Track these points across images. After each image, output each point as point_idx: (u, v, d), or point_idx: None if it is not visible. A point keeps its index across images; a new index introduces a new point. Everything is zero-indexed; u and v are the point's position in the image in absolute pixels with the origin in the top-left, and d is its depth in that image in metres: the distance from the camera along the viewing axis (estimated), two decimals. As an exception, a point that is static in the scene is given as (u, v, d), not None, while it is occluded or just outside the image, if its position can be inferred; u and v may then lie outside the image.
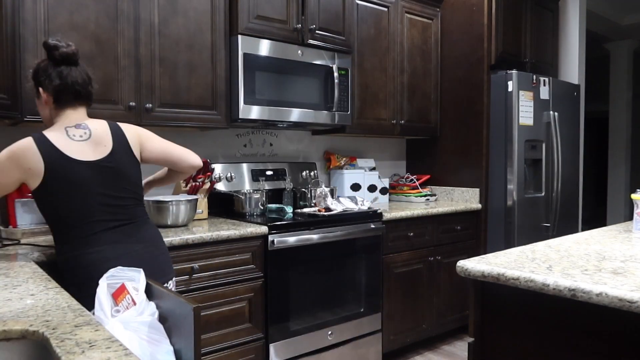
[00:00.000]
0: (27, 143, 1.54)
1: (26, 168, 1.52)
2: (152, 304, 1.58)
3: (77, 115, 1.65)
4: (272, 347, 2.37)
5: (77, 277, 1.54)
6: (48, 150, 1.54)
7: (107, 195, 1.60)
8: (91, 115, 2.14)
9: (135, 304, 1.54)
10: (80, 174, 1.56)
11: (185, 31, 2.39)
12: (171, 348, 1.51)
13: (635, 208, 1.95)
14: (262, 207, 2.72)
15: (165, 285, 1.69)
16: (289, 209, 2.62)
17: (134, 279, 1.59)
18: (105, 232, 1.58)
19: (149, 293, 1.61)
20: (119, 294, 1.57)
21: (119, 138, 1.67)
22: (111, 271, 1.63)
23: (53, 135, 1.57)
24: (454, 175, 3.57)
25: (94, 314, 1.45)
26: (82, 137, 1.61)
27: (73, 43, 1.66)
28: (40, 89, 1.62)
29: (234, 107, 2.53)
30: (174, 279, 1.74)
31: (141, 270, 1.57)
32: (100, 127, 1.66)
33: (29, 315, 1.03)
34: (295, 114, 2.72)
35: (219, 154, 2.93)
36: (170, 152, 1.83)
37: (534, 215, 3.38)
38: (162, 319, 1.58)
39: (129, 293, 1.55)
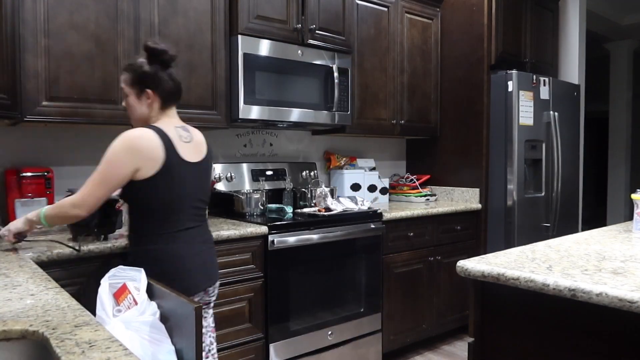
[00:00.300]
0: (149, 134, 1.60)
1: (147, 158, 1.57)
2: (154, 304, 1.58)
3: (175, 114, 1.76)
4: (272, 347, 2.37)
5: (156, 268, 1.60)
6: (167, 144, 1.62)
7: (196, 196, 1.72)
8: (92, 115, 2.15)
9: (136, 303, 1.54)
10: (183, 172, 1.66)
11: (185, 31, 2.39)
12: (172, 348, 1.51)
13: (635, 208, 1.95)
14: (262, 207, 2.72)
15: (211, 286, 1.78)
16: (289, 209, 2.62)
17: (135, 278, 1.59)
18: (186, 230, 1.68)
19: (150, 293, 1.61)
20: (120, 293, 1.58)
21: (209, 148, 1.82)
22: (113, 271, 1.65)
23: (167, 131, 1.64)
24: (454, 175, 3.57)
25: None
26: (187, 139, 1.71)
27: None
28: (149, 91, 1.67)
29: (234, 107, 2.53)
30: (217, 282, 1.83)
31: (142, 270, 1.58)
32: (197, 133, 1.79)
33: (29, 315, 1.03)
34: (295, 114, 2.72)
35: (219, 154, 2.93)
36: None
37: (534, 215, 3.38)
38: (164, 318, 1.58)
39: (130, 293, 1.55)
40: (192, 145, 1.72)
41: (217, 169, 2.80)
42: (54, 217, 1.67)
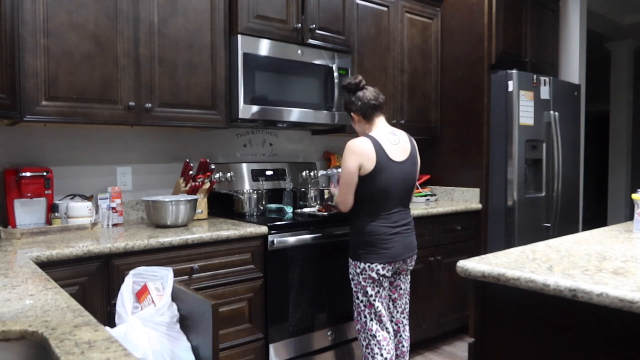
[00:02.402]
0: (367, 141, 2.19)
1: (365, 158, 2.16)
2: (174, 307, 1.60)
3: (382, 122, 2.31)
4: (272, 347, 2.36)
5: (361, 238, 2.23)
6: (378, 148, 2.18)
7: (400, 187, 2.24)
8: (91, 115, 2.15)
9: (155, 304, 1.57)
10: (392, 169, 2.20)
11: (185, 31, 2.39)
12: (189, 344, 1.53)
13: (636, 208, 1.94)
14: (262, 207, 2.71)
15: (410, 257, 2.33)
16: (289, 209, 2.62)
17: (161, 278, 1.62)
18: (392, 212, 2.24)
19: (172, 292, 1.63)
20: (141, 293, 1.62)
21: (413, 149, 2.33)
22: (140, 269, 1.71)
23: (379, 139, 2.22)
24: (454, 175, 3.57)
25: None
26: (394, 142, 2.25)
27: (359, 76, 2.33)
28: (352, 113, 2.32)
29: (233, 107, 2.52)
30: (415, 254, 2.38)
31: (170, 269, 1.71)
32: (404, 136, 2.33)
33: (28, 316, 1.03)
34: (295, 114, 2.72)
35: (219, 154, 2.93)
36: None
37: (535, 215, 3.38)
38: (182, 316, 1.60)
39: (150, 294, 1.58)
40: (399, 146, 2.26)
41: (217, 169, 2.80)
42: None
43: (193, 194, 2.53)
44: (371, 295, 2.24)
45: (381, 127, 2.29)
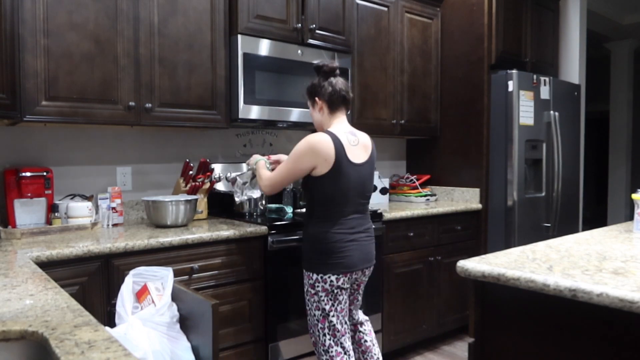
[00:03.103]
0: (328, 140, 1.99)
1: (323, 159, 1.97)
2: (174, 307, 1.60)
3: (344, 120, 2.13)
4: (272, 347, 2.36)
5: (314, 246, 2.04)
6: (338, 148, 1.99)
7: (358, 190, 2.07)
8: (91, 115, 2.15)
9: (155, 304, 1.57)
10: (350, 172, 2.02)
11: (185, 31, 2.39)
12: (189, 344, 1.53)
13: (635, 208, 1.94)
14: (261, 207, 2.71)
15: (367, 268, 2.15)
16: (289, 209, 2.62)
17: (160, 278, 1.62)
18: (349, 218, 2.05)
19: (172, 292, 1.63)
20: (141, 293, 1.62)
21: (372, 150, 2.16)
22: (140, 269, 1.71)
23: (340, 137, 2.02)
24: (454, 175, 3.57)
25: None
26: (354, 143, 2.08)
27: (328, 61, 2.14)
28: (316, 98, 2.11)
29: (233, 107, 2.52)
30: (372, 265, 2.20)
31: (170, 270, 1.70)
32: (364, 137, 2.15)
33: (28, 316, 1.03)
34: (295, 114, 2.72)
35: (219, 154, 2.93)
36: None
37: (535, 215, 3.38)
38: (182, 316, 1.60)
39: (150, 294, 1.59)
40: (358, 147, 2.08)
41: (217, 169, 2.80)
42: (257, 173, 2.22)
43: (193, 194, 2.53)
44: (324, 309, 2.04)
45: (342, 124, 2.11)
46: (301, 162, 2.01)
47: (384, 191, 3.55)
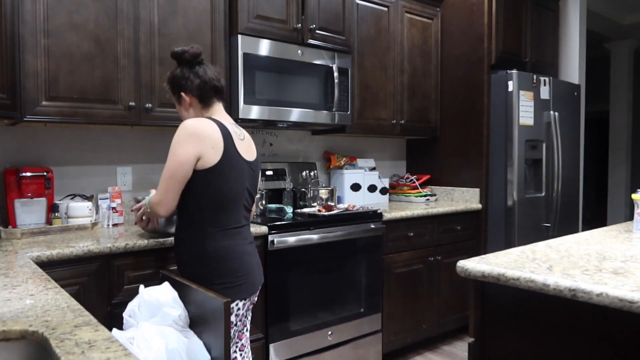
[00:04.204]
0: (208, 122, 1.62)
1: (208, 145, 1.58)
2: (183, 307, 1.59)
3: (222, 111, 1.76)
4: (272, 347, 2.36)
5: (210, 265, 1.62)
6: (226, 135, 1.63)
7: (249, 194, 1.75)
8: (91, 115, 2.15)
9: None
10: (241, 167, 1.68)
11: (185, 31, 2.39)
12: (201, 342, 1.52)
13: (635, 208, 1.94)
14: (262, 207, 2.71)
15: (260, 286, 1.79)
16: (289, 209, 2.62)
17: (173, 306, 1.57)
18: (241, 228, 1.70)
19: (179, 289, 1.61)
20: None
21: (257, 151, 1.86)
22: (159, 311, 1.56)
23: (224, 123, 1.67)
24: (454, 175, 3.57)
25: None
26: (240, 137, 1.73)
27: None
28: (182, 93, 1.72)
29: (233, 107, 2.52)
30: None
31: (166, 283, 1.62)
32: (248, 134, 1.82)
33: (29, 316, 1.03)
34: (295, 114, 2.72)
35: (219, 154, 2.92)
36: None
37: (534, 215, 3.38)
38: (191, 315, 1.59)
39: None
40: (245, 143, 1.75)
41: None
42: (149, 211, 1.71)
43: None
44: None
45: (223, 116, 1.75)
46: (183, 152, 1.58)
47: (383, 191, 3.55)
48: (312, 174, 3.20)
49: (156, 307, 1.53)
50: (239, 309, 1.68)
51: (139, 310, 1.58)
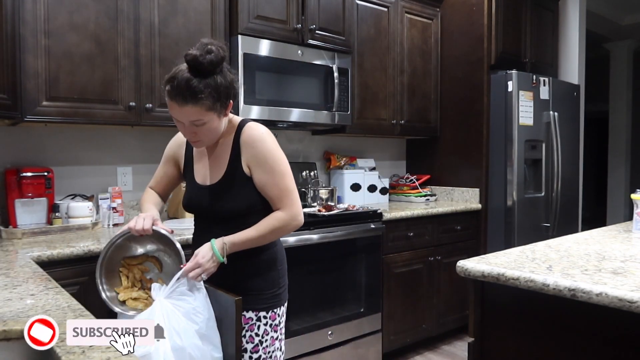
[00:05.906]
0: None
1: None
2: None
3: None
4: (272, 347, 2.36)
5: (276, 268, 1.67)
6: None
7: None
8: (92, 115, 2.15)
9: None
10: None
11: (185, 31, 2.39)
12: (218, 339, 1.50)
13: (635, 208, 1.95)
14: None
15: None
16: (289, 209, 2.62)
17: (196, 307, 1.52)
18: None
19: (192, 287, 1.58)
20: None
21: None
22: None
23: None
24: (454, 175, 3.57)
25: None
26: None
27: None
28: (232, 101, 1.50)
29: (234, 107, 2.52)
30: None
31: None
32: None
33: (29, 315, 1.03)
34: (295, 114, 2.72)
35: (219, 154, 2.92)
36: None
37: (534, 215, 3.38)
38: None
39: None
40: None
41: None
42: (263, 240, 1.55)
43: (193, 194, 2.52)
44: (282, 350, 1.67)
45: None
46: (285, 157, 1.56)
47: (383, 191, 3.56)
48: (312, 174, 3.20)
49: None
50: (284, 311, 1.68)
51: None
